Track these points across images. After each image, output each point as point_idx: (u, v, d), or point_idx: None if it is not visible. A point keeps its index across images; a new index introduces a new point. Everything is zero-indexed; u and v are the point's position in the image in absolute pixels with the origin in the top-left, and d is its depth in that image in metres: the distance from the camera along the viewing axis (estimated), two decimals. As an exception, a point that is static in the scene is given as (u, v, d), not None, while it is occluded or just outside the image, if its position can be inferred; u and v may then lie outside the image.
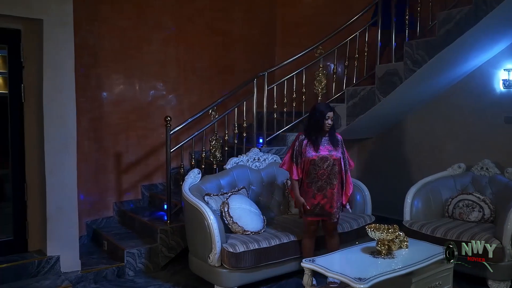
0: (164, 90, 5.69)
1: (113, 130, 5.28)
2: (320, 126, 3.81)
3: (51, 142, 3.92)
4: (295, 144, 3.90)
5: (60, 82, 3.94)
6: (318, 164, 3.78)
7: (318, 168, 3.79)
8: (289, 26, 6.69)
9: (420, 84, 5.05)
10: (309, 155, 3.80)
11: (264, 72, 5.17)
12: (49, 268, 3.93)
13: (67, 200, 4.02)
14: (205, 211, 3.81)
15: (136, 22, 5.41)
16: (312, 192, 3.81)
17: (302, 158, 3.83)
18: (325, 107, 3.88)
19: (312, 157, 3.79)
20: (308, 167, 3.81)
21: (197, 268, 4.09)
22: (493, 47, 4.79)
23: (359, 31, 5.31)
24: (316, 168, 3.79)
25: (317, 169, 3.79)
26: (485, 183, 4.67)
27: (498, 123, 4.94)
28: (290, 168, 3.89)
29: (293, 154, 3.88)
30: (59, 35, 3.91)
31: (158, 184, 5.62)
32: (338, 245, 3.94)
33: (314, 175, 3.80)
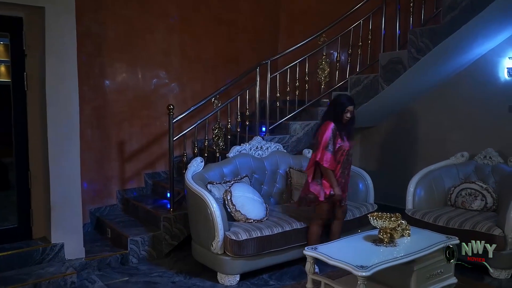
0: (167, 79, 5.68)
1: (116, 118, 5.28)
2: (338, 118, 3.84)
3: (54, 131, 3.93)
4: (329, 133, 3.79)
5: (63, 70, 3.93)
6: (349, 153, 3.92)
7: (349, 157, 3.94)
8: (294, 14, 6.64)
9: (424, 73, 5.02)
10: (344, 145, 3.85)
11: (267, 61, 5.15)
12: (54, 255, 3.97)
13: (71, 188, 4.04)
14: (208, 199, 3.83)
15: (140, 10, 5.38)
16: (340, 180, 3.89)
17: (335, 147, 3.83)
18: (346, 99, 3.91)
19: (347, 147, 3.87)
20: (343, 157, 3.87)
21: (200, 256, 4.12)
22: (498, 35, 4.74)
23: (363, 18, 5.28)
24: (348, 158, 3.93)
25: (349, 158, 3.96)
26: (488, 172, 4.66)
27: (502, 112, 4.91)
28: (327, 158, 3.78)
29: (328, 143, 3.80)
30: (61, 23, 3.90)
31: (161, 172, 5.64)
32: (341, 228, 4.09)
33: (345, 164, 3.90)
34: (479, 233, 3.89)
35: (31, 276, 3.68)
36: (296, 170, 4.84)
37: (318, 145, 3.83)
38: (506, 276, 3.88)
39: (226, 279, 3.84)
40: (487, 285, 3.78)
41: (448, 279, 3.44)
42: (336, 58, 5.53)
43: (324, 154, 3.80)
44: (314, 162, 3.89)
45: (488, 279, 3.89)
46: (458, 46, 4.66)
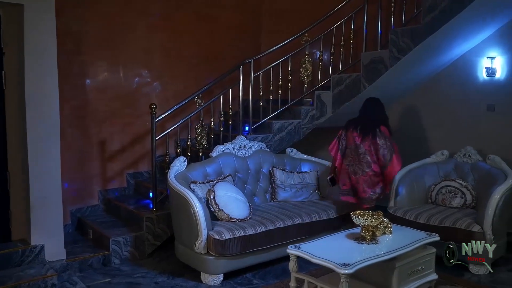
0: (149, 77, 5.63)
1: (97, 117, 5.21)
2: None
3: (34, 130, 3.86)
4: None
5: (42, 69, 3.87)
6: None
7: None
8: (277, 12, 6.64)
9: (405, 72, 5.08)
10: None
11: (250, 59, 5.14)
12: (34, 257, 3.90)
13: (51, 188, 3.97)
14: (191, 199, 3.81)
15: (121, 8, 5.32)
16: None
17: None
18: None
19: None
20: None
21: (183, 256, 4.10)
22: (477, 35, 4.83)
23: (345, 18, 5.31)
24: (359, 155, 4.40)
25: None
26: (468, 169, 4.74)
27: (481, 111, 5.01)
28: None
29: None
30: (40, 20, 3.82)
31: (143, 172, 5.59)
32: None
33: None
34: (459, 229, 3.97)
35: (11, 278, 3.61)
36: (279, 169, 4.85)
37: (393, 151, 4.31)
38: (484, 272, 3.95)
39: (210, 278, 3.83)
40: (467, 281, 3.85)
41: (429, 275, 3.49)
42: (318, 57, 5.56)
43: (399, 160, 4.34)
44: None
45: (467, 275, 3.96)
46: (438, 46, 4.73)
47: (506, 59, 4.79)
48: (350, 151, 4.40)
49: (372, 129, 4.30)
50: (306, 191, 4.79)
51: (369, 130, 4.31)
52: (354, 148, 4.36)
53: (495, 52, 4.83)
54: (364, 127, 4.35)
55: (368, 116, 4.46)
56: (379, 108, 4.50)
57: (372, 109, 4.49)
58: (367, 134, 4.31)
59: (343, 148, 4.46)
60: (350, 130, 4.42)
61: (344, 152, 4.46)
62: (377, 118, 4.42)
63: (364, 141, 4.30)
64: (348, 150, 4.42)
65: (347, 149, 4.43)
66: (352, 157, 4.38)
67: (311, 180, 4.87)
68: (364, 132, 4.32)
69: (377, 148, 4.27)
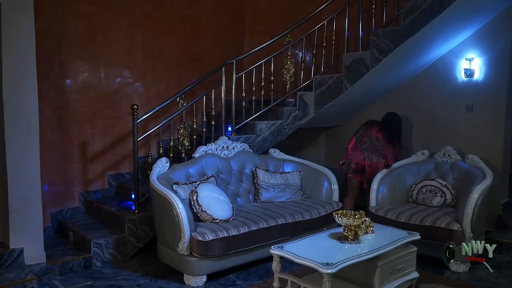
0: (131, 78, 5.58)
1: (78, 118, 5.14)
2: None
3: (12, 131, 3.78)
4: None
5: (20, 69, 3.79)
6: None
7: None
8: (259, 13, 6.65)
9: (386, 73, 5.15)
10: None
11: (232, 60, 5.14)
12: (12, 261, 3.82)
13: (30, 190, 3.90)
14: (174, 200, 3.79)
15: (102, 7, 5.25)
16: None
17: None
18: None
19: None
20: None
21: (166, 257, 4.07)
22: (456, 36, 4.92)
23: (327, 19, 5.35)
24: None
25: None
26: (447, 169, 4.82)
27: (460, 111, 5.10)
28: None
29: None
30: (19, 19, 3.75)
31: (125, 174, 5.53)
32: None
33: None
34: (439, 228, 4.04)
35: (-11, 283, 3.54)
36: (262, 169, 4.86)
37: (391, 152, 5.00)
38: (464, 270, 4.03)
39: (193, 280, 3.81)
40: (447, 279, 3.91)
41: (410, 273, 3.54)
42: (301, 58, 5.58)
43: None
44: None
45: (447, 273, 4.02)
46: (418, 47, 4.80)
47: (484, 60, 4.88)
48: (369, 140, 5.05)
49: (392, 141, 5.04)
50: (289, 191, 4.81)
51: (390, 140, 5.04)
52: (374, 139, 5.03)
53: (473, 54, 4.93)
54: (387, 135, 5.04)
55: (391, 129, 5.09)
56: (398, 124, 5.14)
57: (397, 126, 5.14)
58: (388, 142, 5.02)
59: (360, 136, 5.12)
60: (374, 127, 5.11)
61: (360, 139, 5.10)
62: (396, 134, 5.12)
63: (384, 141, 5.03)
64: (367, 138, 5.06)
65: (366, 137, 5.07)
66: (371, 145, 5.01)
67: (294, 180, 4.89)
68: (387, 139, 5.04)
69: (386, 153, 4.99)
